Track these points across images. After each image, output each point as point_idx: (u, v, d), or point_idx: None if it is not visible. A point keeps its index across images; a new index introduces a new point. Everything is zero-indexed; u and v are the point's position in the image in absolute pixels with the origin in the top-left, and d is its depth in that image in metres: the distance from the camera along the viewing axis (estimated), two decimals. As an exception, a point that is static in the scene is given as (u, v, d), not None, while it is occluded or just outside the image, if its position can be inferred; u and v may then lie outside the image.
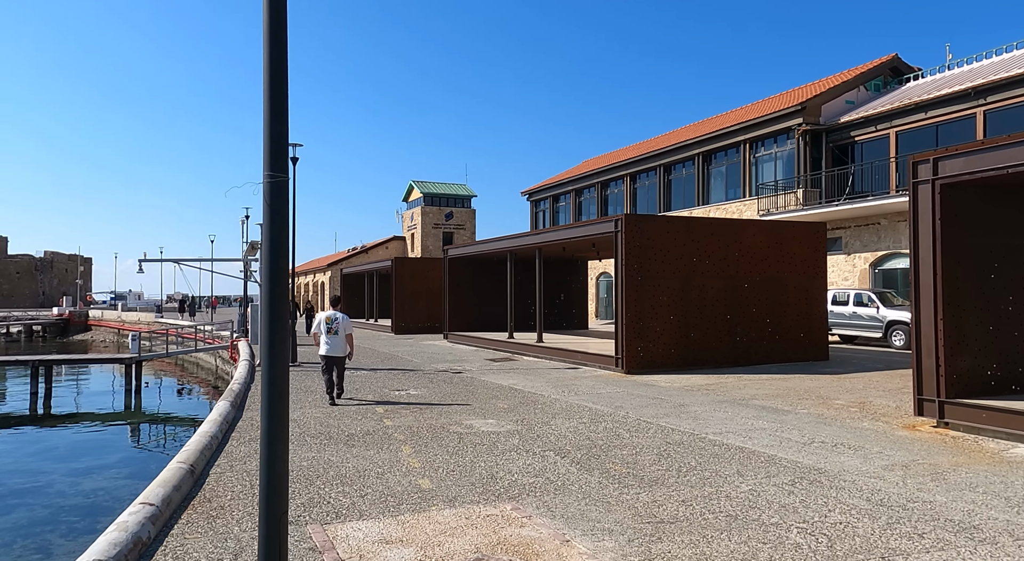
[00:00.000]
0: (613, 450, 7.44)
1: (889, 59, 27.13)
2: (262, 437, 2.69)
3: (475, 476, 6.36)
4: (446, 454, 7.23)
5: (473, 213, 63.23)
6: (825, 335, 16.58)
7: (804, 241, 16.34)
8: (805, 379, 13.20)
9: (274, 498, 2.69)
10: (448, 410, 10.03)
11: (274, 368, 2.69)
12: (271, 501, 2.69)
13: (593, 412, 9.85)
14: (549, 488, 5.97)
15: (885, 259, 22.56)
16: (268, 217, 2.71)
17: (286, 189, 2.71)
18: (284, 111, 2.73)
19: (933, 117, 21.55)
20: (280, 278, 2.71)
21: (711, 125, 31.89)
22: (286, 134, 2.74)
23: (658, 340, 14.68)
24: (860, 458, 7.00)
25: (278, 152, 2.69)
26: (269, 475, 2.67)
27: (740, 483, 6.10)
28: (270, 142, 2.71)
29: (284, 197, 2.71)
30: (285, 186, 2.69)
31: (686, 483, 6.11)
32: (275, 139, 2.71)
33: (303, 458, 7.06)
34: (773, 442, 7.78)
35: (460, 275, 26.02)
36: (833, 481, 6.15)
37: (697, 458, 7.05)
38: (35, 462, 14.32)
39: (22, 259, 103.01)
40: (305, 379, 13.80)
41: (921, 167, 8.49)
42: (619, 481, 6.19)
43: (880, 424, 8.79)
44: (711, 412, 9.77)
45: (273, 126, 2.71)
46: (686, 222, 15.87)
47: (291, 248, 21.93)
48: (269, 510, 2.72)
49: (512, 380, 13.53)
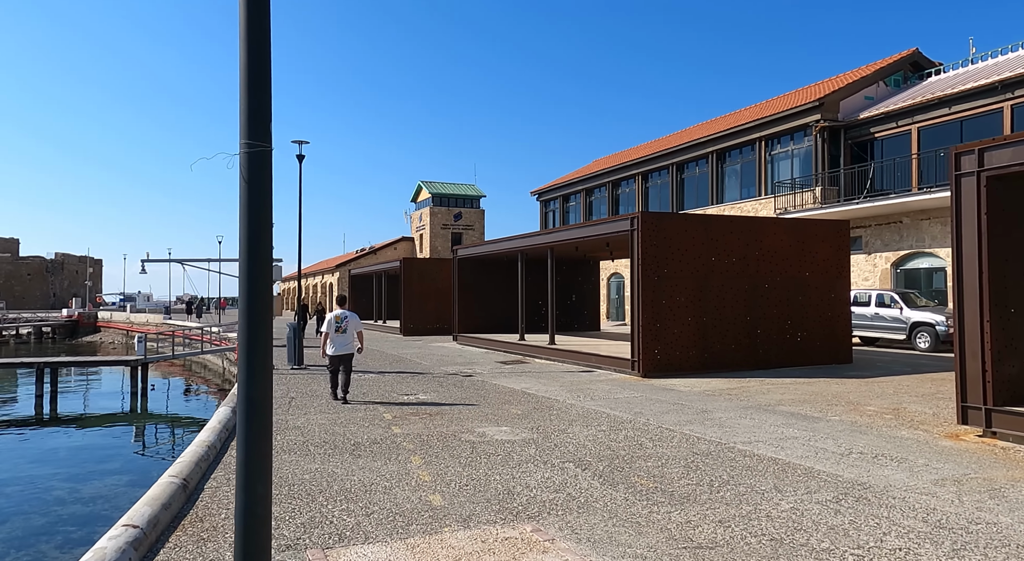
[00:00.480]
0: (637, 461, 6.94)
1: (909, 54, 26.47)
2: (238, 474, 2.18)
3: (490, 491, 5.88)
4: (458, 466, 6.75)
5: (482, 214, 62.76)
6: (849, 337, 16.00)
7: (827, 240, 15.78)
8: (831, 383, 12.64)
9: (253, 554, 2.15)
10: (459, 416, 9.55)
11: (254, 386, 2.18)
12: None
13: (612, 418, 9.35)
14: (572, 505, 5.48)
15: (907, 259, 21.92)
16: (245, 195, 2.22)
17: (268, 162, 2.24)
18: (265, 68, 2.24)
19: (957, 112, 20.90)
20: (261, 272, 2.21)
21: (725, 123, 31.28)
22: (268, 95, 2.22)
23: (676, 342, 14.15)
24: (906, 471, 6.47)
25: (258, 117, 2.20)
26: (247, 524, 2.13)
27: (780, 500, 5.59)
28: (248, 104, 2.25)
29: (265, 172, 2.23)
30: (267, 159, 2.21)
31: (720, 500, 5.61)
32: (254, 101, 2.24)
33: (305, 470, 6.60)
34: (808, 452, 7.26)
35: (469, 276, 25.56)
36: (881, 498, 5.63)
37: (728, 471, 6.54)
38: (35, 467, 13.93)
39: (33, 261, 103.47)
40: (311, 382, 13.36)
41: (965, 158, 7.95)
42: (647, 497, 5.69)
43: (920, 433, 8.24)
44: (737, 419, 9.25)
45: (252, 85, 2.24)
46: (705, 220, 15.34)
47: (299, 247, 21.34)
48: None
49: (525, 384, 13.05)
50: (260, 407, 2.18)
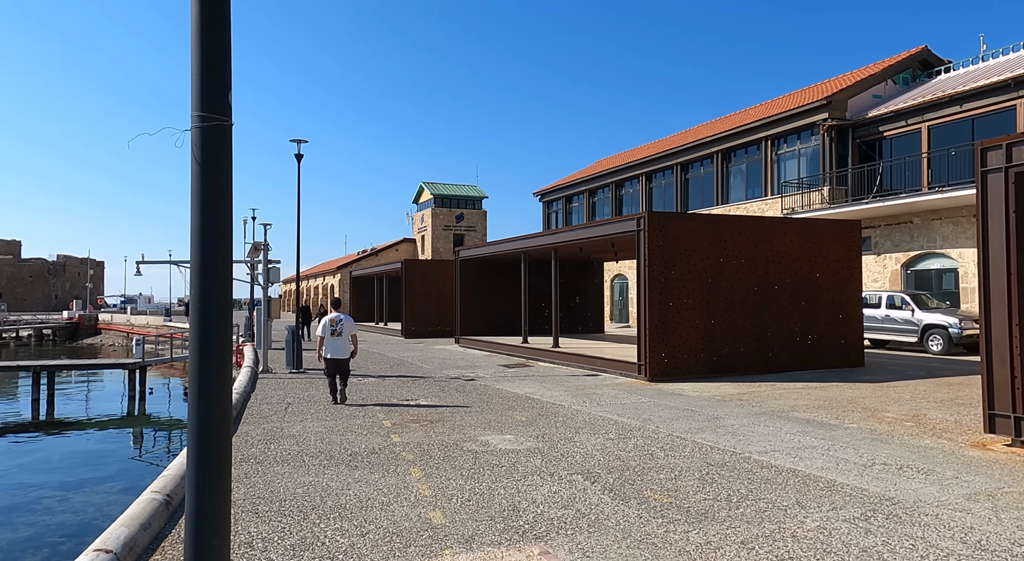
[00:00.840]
0: (649, 473, 6.56)
1: (918, 51, 26.06)
2: (187, 523, 1.75)
3: (494, 507, 5.51)
4: (460, 478, 6.39)
5: (484, 215, 62.40)
6: (860, 340, 15.61)
7: (838, 240, 15.40)
8: (844, 388, 12.25)
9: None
10: (461, 423, 9.18)
11: (207, 414, 1.76)
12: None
13: (620, 426, 8.98)
14: (582, 524, 5.11)
15: (918, 260, 21.51)
16: (198, 180, 1.83)
17: (226, 140, 1.86)
18: (223, 24, 1.85)
19: (969, 110, 20.50)
20: (218, 273, 1.80)
21: (730, 122, 30.88)
22: (226, 58, 1.87)
23: (683, 345, 13.77)
24: (935, 485, 6.09)
25: (213, 84, 1.81)
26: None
27: (804, 518, 5.22)
28: (201, 69, 1.84)
29: (224, 152, 1.86)
30: (225, 135, 1.85)
31: (740, 518, 5.23)
32: (209, 64, 1.85)
33: (298, 483, 6.24)
34: (828, 463, 6.88)
35: (472, 277, 25.19)
36: (912, 515, 5.26)
37: (746, 484, 6.16)
38: (25, 474, 13.59)
39: (35, 263, 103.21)
40: (309, 387, 13.01)
41: (991, 154, 7.57)
42: (662, 514, 5.32)
43: (944, 442, 7.86)
44: (750, 426, 8.87)
45: (206, 46, 1.84)
46: (713, 220, 14.96)
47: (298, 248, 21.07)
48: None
49: (528, 388, 12.68)
50: (216, 440, 1.78)
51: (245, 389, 12.12)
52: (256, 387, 13.04)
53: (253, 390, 12.57)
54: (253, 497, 5.80)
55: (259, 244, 17.96)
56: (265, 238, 17.59)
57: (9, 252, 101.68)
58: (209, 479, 1.76)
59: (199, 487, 1.75)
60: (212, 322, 1.78)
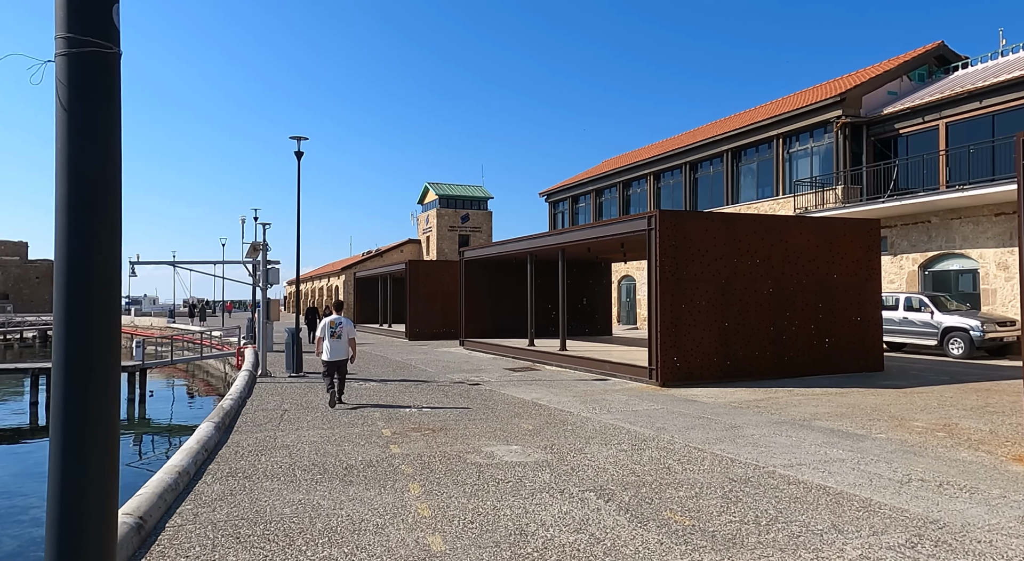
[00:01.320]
0: (667, 490, 6.06)
1: (934, 47, 25.44)
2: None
3: (499, 531, 5.01)
4: (463, 496, 5.89)
5: (490, 215, 61.90)
6: (880, 343, 15.05)
7: (855, 240, 14.84)
8: (866, 394, 11.71)
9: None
10: (465, 432, 8.69)
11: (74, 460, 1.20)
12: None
13: (633, 435, 8.47)
14: (597, 552, 4.60)
15: (936, 260, 20.91)
16: (64, 130, 1.27)
17: (111, 71, 1.26)
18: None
19: (989, 106, 19.89)
20: (93, 256, 1.27)
21: (740, 120, 30.31)
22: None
23: (696, 349, 13.25)
24: (981, 505, 5.57)
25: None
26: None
27: (843, 544, 4.70)
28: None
29: (107, 91, 1.26)
30: (107, 68, 1.24)
31: (772, 544, 4.72)
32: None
33: (287, 502, 5.75)
34: (861, 479, 6.36)
35: (477, 279, 24.70)
36: (962, 542, 4.74)
37: (774, 503, 5.65)
38: (15, 482, 13.16)
39: (42, 264, 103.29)
40: (308, 393, 12.54)
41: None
42: (685, 540, 4.81)
43: (982, 455, 7.33)
44: (771, 436, 8.35)
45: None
46: (727, 219, 14.43)
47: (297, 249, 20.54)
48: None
49: (535, 394, 12.18)
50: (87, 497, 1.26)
51: (241, 394, 11.67)
52: (253, 392, 12.58)
53: (249, 396, 12.11)
54: (236, 518, 5.32)
55: (258, 244, 17.52)
56: (264, 238, 17.15)
57: (16, 253, 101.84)
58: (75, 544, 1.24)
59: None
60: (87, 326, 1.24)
